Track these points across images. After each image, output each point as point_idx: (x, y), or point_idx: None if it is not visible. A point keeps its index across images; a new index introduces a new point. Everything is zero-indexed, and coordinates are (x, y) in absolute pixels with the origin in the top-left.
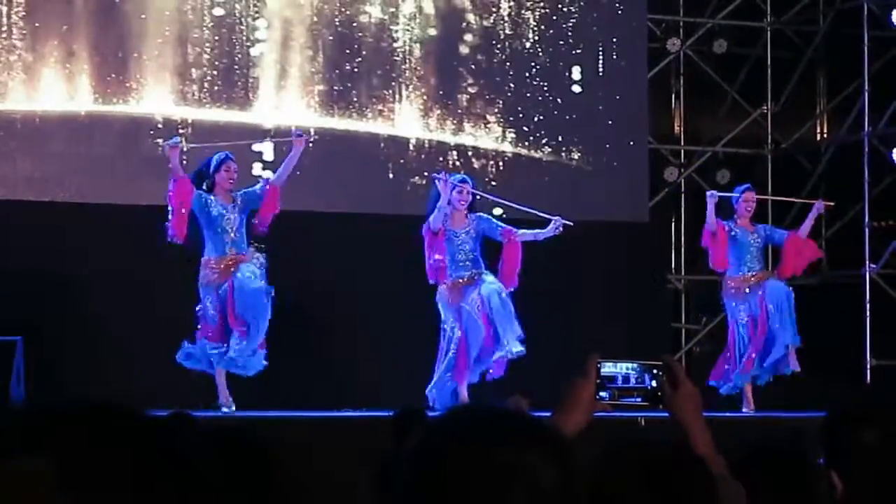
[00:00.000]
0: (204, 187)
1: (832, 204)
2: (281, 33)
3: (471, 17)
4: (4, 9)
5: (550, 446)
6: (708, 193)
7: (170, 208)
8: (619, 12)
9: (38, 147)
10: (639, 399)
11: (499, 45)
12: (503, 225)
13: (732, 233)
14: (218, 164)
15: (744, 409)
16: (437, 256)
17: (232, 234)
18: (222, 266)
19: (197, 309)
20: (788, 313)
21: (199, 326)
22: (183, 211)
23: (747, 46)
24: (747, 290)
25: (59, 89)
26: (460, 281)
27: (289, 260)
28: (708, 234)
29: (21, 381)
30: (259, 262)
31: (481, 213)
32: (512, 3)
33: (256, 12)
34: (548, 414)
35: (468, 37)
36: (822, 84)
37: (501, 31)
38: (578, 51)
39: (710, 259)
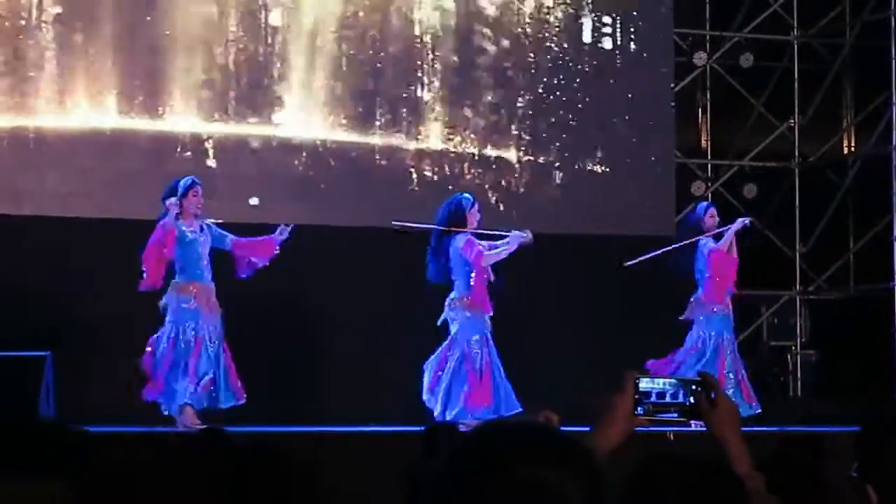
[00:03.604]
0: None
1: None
2: (306, 50)
3: (493, 31)
4: (34, 26)
5: (578, 463)
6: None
7: (146, 260)
8: (646, 26)
9: (65, 163)
10: (675, 414)
11: (522, 58)
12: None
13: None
14: (185, 188)
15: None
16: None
17: (205, 261)
18: (199, 292)
19: (161, 334)
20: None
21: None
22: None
23: (774, 60)
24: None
25: (86, 106)
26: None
27: (313, 272)
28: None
29: (50, 395)
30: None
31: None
32: (534, 16)
33: (281, 28)
34: (575, 429)
35: (491, 50)
36: (849, 97)
37: (525, 45)
38: (605, 63)
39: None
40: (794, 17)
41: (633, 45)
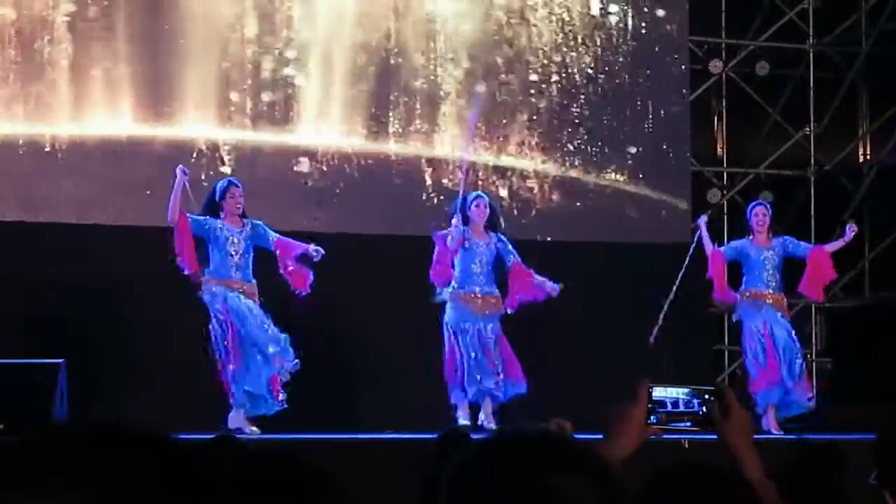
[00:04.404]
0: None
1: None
2: (322, 57)
3: (511, 39)
4: (47, 34)
5: (592, 470)
6: (699, 220)
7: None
8: (662, 34)
9: (80, 170)
10: (688, 423)
11: (540, 68)
12: (516, 257)
13: (744, 252)
14: (223, 191)
15: (772, 432)
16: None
17: (236, 259)
18: (226, 288)
19: (210, 328)
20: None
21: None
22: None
23: (789, 68)
24: (762, 305)
25: (101, 113)
26: (471, 296)
27: (330, 282)
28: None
29: (65, 403)
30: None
31: (502, 235)
32: (553, 25)
33: (297, 36)
34: (595, 437)
35: (509, 59)
36: (865, 105)
37: (542, 54)
38: (620, 71)
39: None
40: (810, 26)
41: (649, 53)
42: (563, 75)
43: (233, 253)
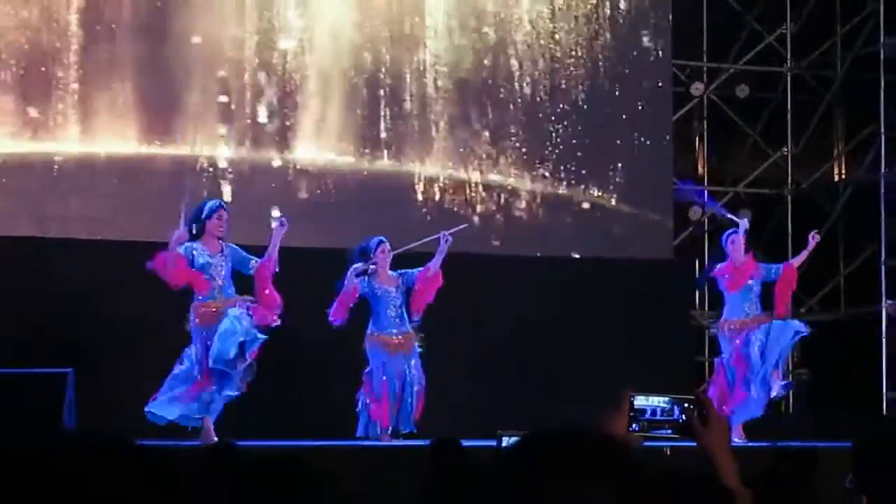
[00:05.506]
0: (193, 231)
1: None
2: (319, 78)
3: (502, 59)
4: (57, 53)
5: (617, 470)
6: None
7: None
8: (646, 58)
9: (89, 187)
10: (668, 431)
11: (529, 87)
12: (416, 269)
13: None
14: (211, 211)
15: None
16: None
17: (219, 281)
18: (212, 310)
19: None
20: (780, 348)
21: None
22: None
23: (768, 91)
24: (744, 330)
25: (109, 132)
26: (391, 339)
27: (325, 296)
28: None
29: (73, 413)
30: (246, 305)
31: (400, 270)
32: (543, 47)
33: (297, 56)
34: None
35: (499, 78)
36: (840, 127)
37: (532, 74)
38: (607, 93)
39: (725, 283)
40: (788, 50)
41: (633, 76)
42: (551, 96)
43: (216, 276)
